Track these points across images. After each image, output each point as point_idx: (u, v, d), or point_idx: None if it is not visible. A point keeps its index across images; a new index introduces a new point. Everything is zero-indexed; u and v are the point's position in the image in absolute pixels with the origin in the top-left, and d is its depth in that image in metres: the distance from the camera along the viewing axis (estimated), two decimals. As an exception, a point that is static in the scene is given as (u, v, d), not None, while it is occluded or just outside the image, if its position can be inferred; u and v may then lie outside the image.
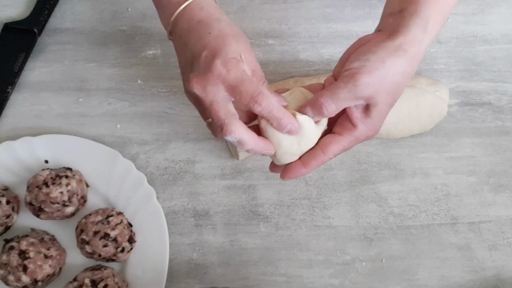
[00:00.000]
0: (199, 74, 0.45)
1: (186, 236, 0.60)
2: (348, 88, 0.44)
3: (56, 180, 0.56)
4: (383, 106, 0.46)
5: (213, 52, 0.45)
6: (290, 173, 0.48)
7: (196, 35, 0.47)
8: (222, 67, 0.44)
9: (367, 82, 0.44)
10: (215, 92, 0.45)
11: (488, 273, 0.59)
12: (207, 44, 0.46)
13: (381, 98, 0.45)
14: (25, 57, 0.67)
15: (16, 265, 0.53)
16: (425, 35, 0.46)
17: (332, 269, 0.59)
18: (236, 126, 0.45)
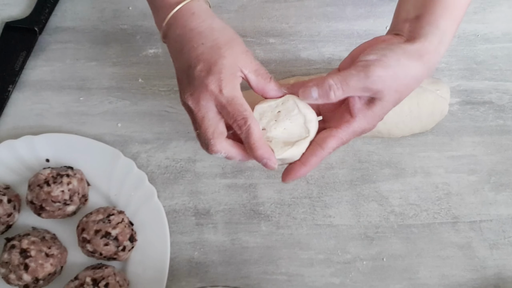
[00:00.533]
0: (194, 88, 0.46)
1: (187, 235, 0.60)
2: (360, 76, 0.45)
3: (57, 179, 0.56)
4: (387, 103, 0.46)
5: (207, 67, 0.45)
6: (291, 174, 0.48)
7: (190, 44, 0.47)
8: (216, 85, 0.45)
9: (379, 76, 0.44)
10: (208, 108, 0.46)
11: (489, 272, 0.59)
12: (201, 56, 0.46)
13: (388, 95, 0.46)
14: (26, 56, 0.67)
15: (17, 263, 0.53)
16: (440, 45, 0.46)
17: (333, 268, 0.59)
18: (222, 145, 0.46)
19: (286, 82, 0.63)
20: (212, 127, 0.46)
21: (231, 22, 0.70)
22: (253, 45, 0.69)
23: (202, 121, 0.46)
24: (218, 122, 0.47)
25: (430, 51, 0.46)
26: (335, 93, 0.45)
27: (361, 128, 0.47)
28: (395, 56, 0.45)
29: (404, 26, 0.48)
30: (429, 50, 0.46)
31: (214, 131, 0.46)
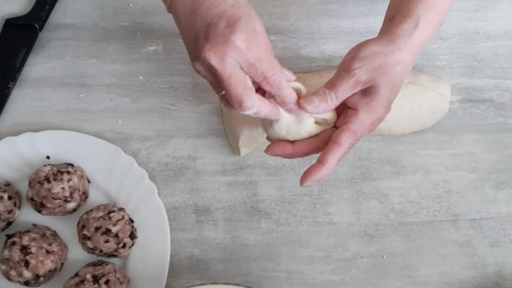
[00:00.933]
0: (217, 44, 0.43)
1: (187, 232, 0.60)
2: (342, 76, 0.47)
3: (58, 175, 0.56)
4: (382, 89, 0.47)
5: (231, 23, 0.43)
6: (311, 176, 0.47)
7: (208, 2, 0.45)
8: (243, 42, 0.43)
9: (359, 67, 0.46)
10: (234, 64, 0.44)
11: (489, 269, 0.59)
12: (224, 13, 0.44)
13: (376, 80, 0.47)
14: (27, 53, 0.67)
15: (18, 260, 0.53)
16: (416, 30, 0.47)
17: (333, 265, 0.59)
18: (254, 100, 0.45)
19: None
20: (242, 83, 0.44)
21: (232, 19, 0.70)
22: (253, 42, 0.69)
23: (229, 79, 0.44)
24: (245, 78, 0.45)
25: (404, 35, 0.47)
26: (331, 98, 0.47)
27: (369, 119, 0.48)
28: (368, 47, 0.47)
29: (384, 27, 0.50)
30: (402, 34, 0.47)
31: (245, 87, 0.45)
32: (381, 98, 0.47)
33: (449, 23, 0.71)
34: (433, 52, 0.69)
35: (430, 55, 0.69)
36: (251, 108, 0.45)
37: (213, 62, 0.44)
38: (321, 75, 0.62)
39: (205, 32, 0.44)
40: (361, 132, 0.48)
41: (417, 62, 0.68)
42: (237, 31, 0.43)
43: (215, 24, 0.44)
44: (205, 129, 0.65)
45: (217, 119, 0.65)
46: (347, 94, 0.47)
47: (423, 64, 0.68)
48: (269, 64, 0.45)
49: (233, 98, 0.45)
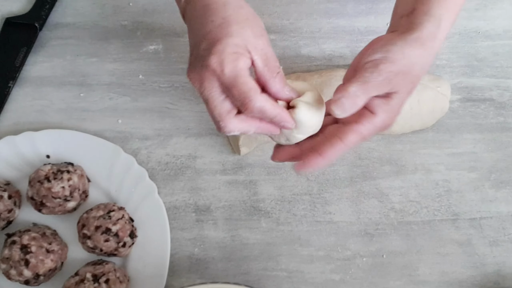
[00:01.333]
0: (196, 68, 0.44)
1: (187, 231, 0.60)
2: (373, 77, 0.44)
3: (58, 175, 0.56)
4: (403, 95, 0.47)
5: (211, 45, 0.43)
6: (307, 164, 0.46)
7: (199, 22, 0.45)
8: (217, 64, 0.42)
9: (391, 71, 0.44)
10: (211, 88, 0.43)
11: (489, 269, 0.59)
12: (208, 34, 0.44)
13: (403, 87, 0.46)
14: (27, 52, 0.67)
15: (18, 259, 0.53)
16: (438, 31, 0.47)
17: (333, 264, 0.59)
18: (233, 124, 0.44)
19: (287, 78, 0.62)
20: (218, 108, 0.44)
21: (232, 19, 0.70)
22: (253, 41, 0.69)
23: (207, 102, 0.44)
24: (223, 101, 0.44)
25: (430, 38, 0.46)
26: (360, 99, 0.44)
27: (383, 123, 0.47)
28: (399, 49, 0.45)
29: (401, 22, 0.48)
30: (429, 37, 0.46)
31: (221, 112, 0.44)
32: (398, 102, 0.47)
33: (449, 22, 0.71)
34: (433, 51, 0.69)
35: (430, 54, 0.69)
36: (231, 131, 0.44)
37: (194, 84, 0.44)
38: (321, 74, 0.62)
39: (193, 53, 0.45)
40: (369, 135, 0.47)
41: (417, 61, 0.68)
42: (212, 54, 0.42)
43: (199, 46, 0.44)
44: (205, 128, 0.65)
45: (217, 118, 0.65)
46: (374, 94, 0.45)
47: (423, 63, 0.68)
48: (244, 87, 0.42)
49: (213, 121, 0.45)
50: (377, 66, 0.44)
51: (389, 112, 0.46)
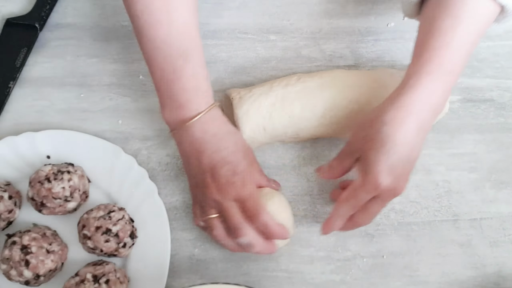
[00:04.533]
0: (219, 184, 0.53)
1: (188, 231, 0.60)
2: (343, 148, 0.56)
3: (58, 175, 0.56)
4: (371, 155, 0.51)
5: (233, 168, 0.53)
6: (324, 227, 0.55)
7: (213, 147, 0.54)
8: (241, 183, 0.53)
9: (352, 137, 0.55)
10: (231, 200, 0.54)
11: (489, 269, 0.59)
12: (226, 159, 0.54)
13: (365, 148, 0.52)
14: (27, 52, 0.67)
15: (18, 260, 0.53)
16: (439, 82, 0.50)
17: (333, 265, 0.59)
18: (248, 229, 0.53)
19: (288, 79, 0.63)
20: (238, 215, 0.53)
21: (232, 19, 0.71)
22: (254, 42, 0.69)
23: (228, 209, 0.53)
24: (238, 212, 0.54)
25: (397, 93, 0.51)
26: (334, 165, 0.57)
27: (365, 183, 0.51)
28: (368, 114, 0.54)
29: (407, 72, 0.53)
30: (397, 93, 0.51)
31: (241, 219, 0.53)
32: (369, 162, 0.51)
33: (450, 23, 0.71)
34: (433, 52, 0.69)
35: (431, 55, 0.69)
36: (246, 236, 0.53)
37: (216, 197, 0.54)
38: (321, 75, 0.62)
39: (211, 173, 0.54)
40: (359, 196, 0.52)
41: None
42: (236, 174, 0.53)
43: (220, 168, 0.53)
44: (205, 129, 0.65)
45: (218, 118, 0.65)
46: (347, 163, 0.55)
47: (424, 64, 0.68)
48: (256, 203, 0.54)
49: (231, 224, 0.54)
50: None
51: (364, 171, 0.52)
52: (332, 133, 0.62)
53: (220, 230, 0.55)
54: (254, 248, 0.54)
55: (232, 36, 0.69)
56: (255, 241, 0.54)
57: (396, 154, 0.50)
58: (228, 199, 0.53)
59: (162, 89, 0.56)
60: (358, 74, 0.62)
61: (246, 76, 0.67)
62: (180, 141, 0.56)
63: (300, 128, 0.61)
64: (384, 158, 0.50)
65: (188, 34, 0.55)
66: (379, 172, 0.50)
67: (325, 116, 0.60)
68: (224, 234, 0.55)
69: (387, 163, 0.50)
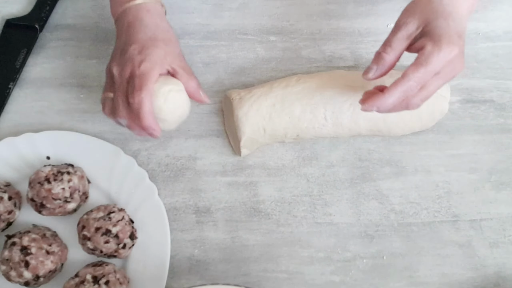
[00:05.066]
0: (123, 60, 0.54)
1: (188, 232, 0.60)
2: (393, 31, 0.53)
3: (58, 176, 0.56)
4: (436, 21, 0.50)
5: (140, 48, 0.54)
6: (370, 100, 0.52)
7: (133, 29, 0.56)
8: (139, 62, 0.53)
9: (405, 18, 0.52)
10: (124, 77, 0.53)
11: (489, 270, 0.59)
12: (139, 40, 0.55)
13: (428, 19, 0.51)
14: (27, 53, 0.67)
15: (18, 260, 0.53)
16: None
17: (333, 266, 0.59)
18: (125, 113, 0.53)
19: (289, 80, 0.63)
20: (123, 94, 0.53)
21: (232, 20, 0.71)
22: (254, 43, 0.69)
23: (119, 87, 0.53)
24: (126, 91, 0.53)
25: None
26: (386, 53, 0.52)
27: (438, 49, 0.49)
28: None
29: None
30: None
31: (123, 98, 0.53)
32: (440, 29, 0.50)
33: (449, 23, 0.71)
34: (433, 52, 0.69)
35: (430, 56, 0.69)
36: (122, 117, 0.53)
37: (114, 70, 0.54)
38: (321, 76, 0.62)
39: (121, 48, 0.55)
40: (431, 65, 0.49)
41: (417, 62, 0.68)
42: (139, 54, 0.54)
43: (129, 45, 0.55)
44: (205, 130, 0.65)
45: (218, 119, 0.66)
46: (403, 44, 0.52)
47: (423, 64, 0.68)
48: (144, 81, 0.52)
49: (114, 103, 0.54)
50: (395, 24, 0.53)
51: (434, 38, 0.50)
52: (332, 134, 0.62)
53: (108, 107, 0.56)
54: (133, 130, 0.55)
55: (232, 37, 0.70)
56: (130, 124, 0.54)
57: (460, 25, 0.50)
58: (122, 76, 0.53)
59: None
60: (358, 75, 0.62)
61: (246, 77, 0.67)
62: (116, 28, 0.59)
63: (300, 129, 0.61)
64: (453, 25, 0.50)
65: None
66: (451, 36, 0.49)
67: (325, 117, 0.60)
68: (110, 111, 0.55)
69: (456, 30, 0.50)
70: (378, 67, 0.53)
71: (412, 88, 0.50)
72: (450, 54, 0.49)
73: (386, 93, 0.51)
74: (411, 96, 0.51)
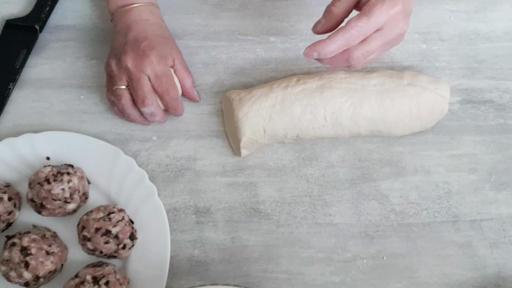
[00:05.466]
0: (136, 54, 0.59)
1: (187, 233, 0.60)
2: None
3: (58, 177, 0.56)
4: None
5: (152, 45, 0.60)
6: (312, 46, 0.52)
7: (142, 27, 0.62)
8: (156, 58, 0.59)
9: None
10: (144, 72, 0.59)
11: (489, 271, 0.59)
12: (149, 37, 0.61)
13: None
14: (27, 54, 0.67)
15: (18, 261, 0.53)
16: None
17: (333, 266, 0.59)
18: (154, 100, 0.60)
19: (288, 81, 0.63)
20: (148, 86, 0.59)
21: (232, 21, 0.71)
22: (253, 43, 0.69)
23: (138, 80, 0.59)
24: (150, 84, 0.60)
25: None
26: (334, 6, 0.53)
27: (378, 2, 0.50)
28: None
29: None
30: None
31: (150, 90, 0.60)
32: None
33: (449, 24, 0.71)
34: (433, 53, 0.69)
35: (430, 57, 0.69)
36: (151, 105, 0.60)
37: (129, 65, 0.59)
38: (321, 77, 0.62)
39: (132, 44, 0.60)
40: (373, 17, 0.50)
41: (417, 63, 0.68)
42: (154, 49, 0.60)
43: (141, 42, 0.60)
44: (205, 130, 0.65)
45: (217, 120, 0.66)
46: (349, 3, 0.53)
47: (423, 65, 0.68)
48: (170, 80, 0.61)
49: (139, 95, 0.59)
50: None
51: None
52: (332, 135, 0.62)
53: (127, 99, 0.60)
54: (155, 117, 0.62)
55: (231, 37, 0.70)
56: (157, 111, 0.61)
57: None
58: (140, 71, 0.59)
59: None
60: (358, 75, 0.62)
61: (246, 77, 0.68)
62: (116, 24, 0.63)
63: (300, 130, 0.61)
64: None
65: None
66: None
67: (325, 117, 0.60)
68: (131, 103, 0.61)
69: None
70: (326, 20, 0.54)
71: (353, 37, 0.51)
72: (392, 9, 0.51)
73: (328, 39, 0.51)
74: (353, 49, 0.52)
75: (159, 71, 0.59)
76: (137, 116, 0.62)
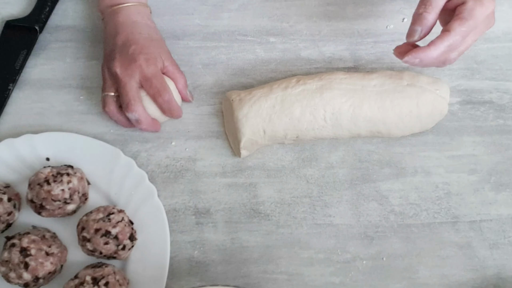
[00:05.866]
0: (125, 60, 0.59)
1: (187, 234, 0.60)
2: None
3: (58, 177, 0.56)
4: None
5: (140, 48, 0.60)
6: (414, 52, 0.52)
7: (129, 30, 0.61)
8: (144, 61, 0.59)
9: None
10: (131, 76, 0.58)
11: (489, 271, 0.59)
12: (137, 41, 0.60)
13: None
14: (27, 55, 0.67)
15: (17, 262, 0.53)
16: None
17: (333, 267, 0.59)
18: (139, 107, 0.59)
19: (288, 81, 0.63)
20: (133, 91, 0.59)
21: (232, 21, 0.71)
22: (253, 44, 0.69)
23: (125, 85, 0.58)
24: (137, 89, 0.59)
25: None
26: (427, 12, 0.52)
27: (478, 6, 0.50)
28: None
29: None
30: None
31: (135, 95, 0.59)
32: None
33: (449, 25, 0.71)
34: (432, 54, 0.69)
35: (430, 57, 0.69)
36: (135, 111, 0.59)
37: (117, 70, 0.59)
38: (321, 77, 0.62)
39: (120, 49, 0.60)
40: (473, 20, 0.51)
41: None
42: (141, 53, 0.59)
43: (129, 46, 0.60)
44: (205, 131, 0.65)
45: (217, 121, 0.66)
46: (442, 0, 0.52)
47: (423, 66, 0.68)
48: (161, 81, 0.60)
49: (124, 100, 0.59)
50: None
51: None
52: (331, 135, 0.62)
53: (112, 105, 0.60)
54: (141, 125, 0.60)
55: (231, 38, 0.70)
56: (143, 118, 0.60)
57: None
58: (128, 75, 0.58)
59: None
60: (358, 76, 0.62)
61: (246, 78, 0.68)
62: (106, 25, 0.63)
63: (300, 130, 0.61)
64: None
65: None
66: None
67: (325, 118, 0.60)
68: (116, 110, 0.61)
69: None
70: (422, 28, 0.53)
71: (457, 42, 0.51)
72: (488, 9, 0.51)
73: (432, 46, 0.51)
74: (452, 50, 0.52)
75: (148, 73, 0.59)
76: (124, 122, 0.62)
